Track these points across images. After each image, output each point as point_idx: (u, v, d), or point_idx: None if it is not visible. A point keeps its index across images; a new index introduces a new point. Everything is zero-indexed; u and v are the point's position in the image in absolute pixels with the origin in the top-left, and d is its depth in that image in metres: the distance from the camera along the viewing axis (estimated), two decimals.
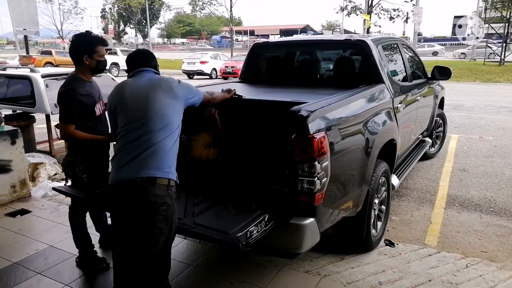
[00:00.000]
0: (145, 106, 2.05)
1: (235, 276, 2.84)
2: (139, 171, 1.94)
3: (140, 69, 2.28)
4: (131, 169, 1.96)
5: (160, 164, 1.97)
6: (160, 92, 2.11)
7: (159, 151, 1.98)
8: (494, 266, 2.98)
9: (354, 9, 33.64)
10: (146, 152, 1.97)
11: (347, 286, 2.73)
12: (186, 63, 22.54)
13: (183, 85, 2.26)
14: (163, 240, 2.00)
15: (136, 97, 2.12)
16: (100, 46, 2.69)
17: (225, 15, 40.00)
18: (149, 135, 1.99)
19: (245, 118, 2.72)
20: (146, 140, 1.99)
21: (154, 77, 2.26)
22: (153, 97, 2.08)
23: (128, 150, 2.00)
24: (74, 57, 2.70)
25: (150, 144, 1.98)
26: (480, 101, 11.86)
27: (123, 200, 1.99)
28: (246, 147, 2.54)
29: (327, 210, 2.43)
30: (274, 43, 4.97)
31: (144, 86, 2.15)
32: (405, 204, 4.30)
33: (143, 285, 2.04)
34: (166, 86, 2.15)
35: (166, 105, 2.08)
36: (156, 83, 2.16)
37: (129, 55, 2.40)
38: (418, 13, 19.66)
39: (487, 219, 3.91)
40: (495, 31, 28.86)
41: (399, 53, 4.34)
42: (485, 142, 6.92)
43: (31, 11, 10.76)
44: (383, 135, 3.11)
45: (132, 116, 2.07)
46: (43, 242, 3.39)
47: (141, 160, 1.96)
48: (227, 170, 2.70)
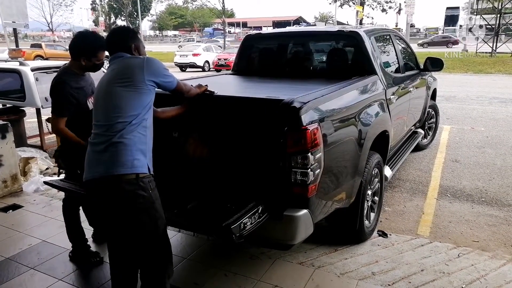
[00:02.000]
0: (101, 100, 2.01)
1: (229, 268, 2.85)
2: (105, 170, 1.90)
3: (115, 55, 2.12)
4: (97, 167, 1.93)
5: (123, 159, 1.89)
6: (116, 79, 1.99)
7: (120, 145, 1.90)
8: (485, 255, 3.02)
9: (347, 1, 33.63)
10: (107, 148, 1.91)
11: (340, 277, 2.75)
12: (179, 56, 22.34)
13: (152, 65, 2.02)
14: (151, 231, 1.99)
15: (97, 91, 2.07)
16: (102, 51, 2.64)
17: (217, 7, 39.72)
18: (106, 129, 1.93)
19: (232, 115, 2.64)
20: (105, 135, 1.93)
21: (119, 63, 2.06)
22: (109, 89, 1.99)
23: (93, 147, 1.98)
24: (72, 53, 2.67)
25: (109, 139, 1.91)
26: (472, 92, 11.94)
27: (97, 197, 1.99)
28: (235, 143, 2.51)
29: (320, 201, 2.44)
30: (267, 35, 4.94)
31: (104, 78, 2.07)
32: (398, 195, 4.33)
33: (144, 277, 2.06)
34: (126, 71, 2.00)
35: (120, 93, 1.95)
36: (116, 71, 2.02)
37: (106, 37, 2.26)
38: (411, 4, 19.68)
39: (479, 209, 3.95)
40: (486, 22, 28.97)
41: (391, 45, 4.34)
42: (477, 133, 6.97)
43: (20, 4, 10.60)
44: (376, 126, 3.11)
45: (94, 113, 2.04)
46: (36, 237, 3.36)
47: (104, 158, 1.91)
48: (219, 164, 2.68)
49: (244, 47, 4.56)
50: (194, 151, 2.70)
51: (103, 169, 1.91)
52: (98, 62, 2.68)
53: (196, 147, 2.70)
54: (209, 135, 2.56)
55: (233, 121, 2.45)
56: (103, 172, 1.90)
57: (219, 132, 2.51)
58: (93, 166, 1.95)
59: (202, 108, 2.54)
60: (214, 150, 2.56)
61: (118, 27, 2.35)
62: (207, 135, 2.57)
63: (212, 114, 2.53)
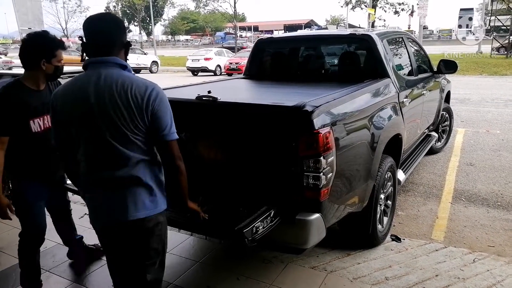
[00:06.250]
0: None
1: (241, 272, 2.85)
2: (126, 213, 1.70)
3: (105, 59, 1.66)
4: (116, 208, 1.72)
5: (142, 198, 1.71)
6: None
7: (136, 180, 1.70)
8: (501, 261, 2.96)
9: (358, 3, 33.52)
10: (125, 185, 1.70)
11: (353, 281, 2.73)
12: (190, 60, 22.54)
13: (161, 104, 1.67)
14: (159, 261, 1.87)
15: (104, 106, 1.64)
16: (59, 49, 2.34)
17: (228, 11, 39.96)
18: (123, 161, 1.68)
19: (245, 120, 2.63)
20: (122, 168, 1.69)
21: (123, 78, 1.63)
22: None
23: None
24: (28, 60, 2.31)
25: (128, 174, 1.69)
26: (487, 95, 11.75)
27: (113, 238, 1.83)
28: (247, 147, 2.52)
29: (332, 205, 2.43)
30: (279, 38, 4.96)
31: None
32: (412, 199, 4.28)
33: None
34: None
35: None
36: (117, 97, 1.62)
37: (86, 25, 1.68)
38: (424, 6, 19.53)
39: (494, 213, 3.88)
40: (501, 23, 28.54)
41: (404, 47, 4.31)
42: (492, 136, 6.86)
43: (36, 11, 10.86)
44: (389, 129, 3.09)
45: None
46: (51, 240, 3.41)
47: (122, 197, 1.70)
48: (231, 168, 2.69)
49: (256, 51, 4.58)
50: (206, 156, 2.72)
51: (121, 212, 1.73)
52: (59, 64, 2.35)
53: (208, 151, 2.72)
54: (222, 140, 2.57)
55: (246, 126, 2.46)
56: (123, 216, 1.73)
57: (232, 137, 2.52)
58: (108, 207, 1.77)
59: (214, 112, 2.55)
60: (226, 154, 2.57)
61: (103, 13, 1.75)
62: (219, 140, 2.58)
63: (224, 119, 2.54)
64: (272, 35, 5.08)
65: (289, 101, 2.34)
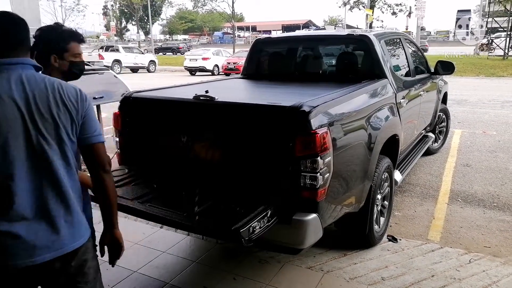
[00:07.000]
0: None
1: (238, 272, 2.85)
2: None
3: (8, 60, 1.44)
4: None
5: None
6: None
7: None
8: (497, 262, 2.97)
9: (356, 4, 33.56)
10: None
11: (350, 282, 2.73)
12: (188, 60, 22.53)
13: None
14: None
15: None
16: (73, 42, 1.94)
17: (227, 11, 39.96)
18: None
19: (242, 120, 2.62)
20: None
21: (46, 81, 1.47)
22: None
23: None
24: (39, 58, 1.89)
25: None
26: (484, 96, 11.80)
27: None
28: (244, 147, 2.52)
29: (329, 205, 2.43)
30: (276, 38, 4.97)
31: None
32: (408, 199, 4.30)
33: None
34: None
35: None
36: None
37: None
38: (421, 7, 19.57)
39: (491, 214, 3.90)
40: (498, 25, 28.65)
41: (402, 48, 4.32)
42: (489, 137, 6.89)
43: (33, 9, 10.79)
44: (386, 130, 3.10)
45: None
46: None
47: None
48: (228, 168, 2.69)
49: (254, 51, 4.57)
50: (203, 155, 2.71)
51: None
52: (75, 59, 1.96)
53: (204, 151, 2.72)
54: (219, 140, 2.57)
55: (243, 126, 2.46)
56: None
57: (229, 137, 2.52)
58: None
59: (212, 112, 2.55)
60: (224, 154, 2.57)
61: (6, 11, 1.59)
62: (216, 139, 2.58)
63: (222, 119, 2.54)
64: (270, 35, 5.08)
65: (286, 101, 2.34)
